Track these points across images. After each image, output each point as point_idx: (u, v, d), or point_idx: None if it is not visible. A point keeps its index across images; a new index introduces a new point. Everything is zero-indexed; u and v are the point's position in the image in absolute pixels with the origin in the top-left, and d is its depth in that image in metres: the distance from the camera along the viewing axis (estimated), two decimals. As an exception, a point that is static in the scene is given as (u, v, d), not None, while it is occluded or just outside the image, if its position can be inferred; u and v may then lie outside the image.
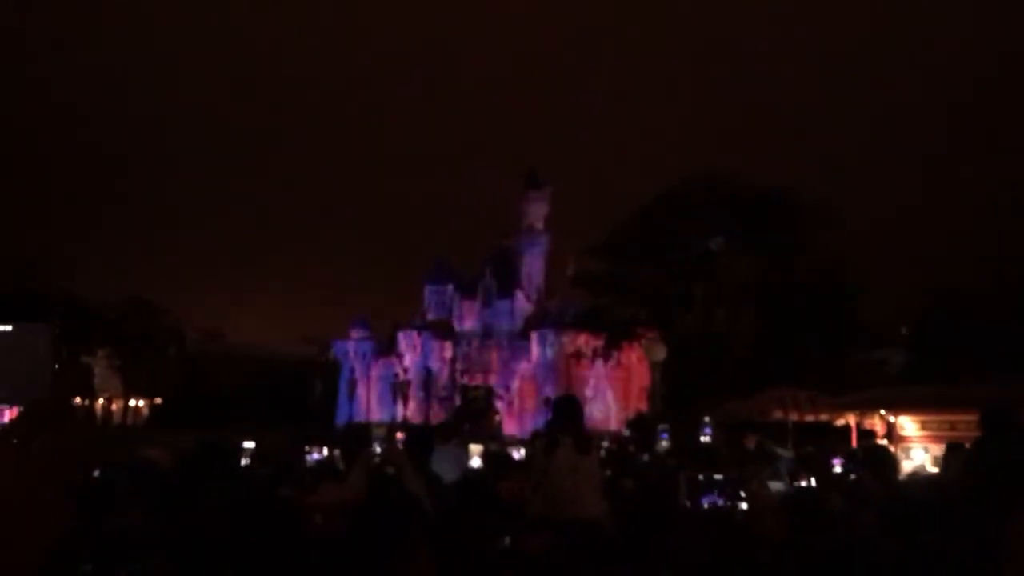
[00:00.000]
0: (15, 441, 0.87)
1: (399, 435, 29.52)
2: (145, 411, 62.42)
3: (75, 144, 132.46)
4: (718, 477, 8.60)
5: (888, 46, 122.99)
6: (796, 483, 12.10)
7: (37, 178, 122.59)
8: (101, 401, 60.69)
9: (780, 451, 14.22)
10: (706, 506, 8.33)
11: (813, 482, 11.48)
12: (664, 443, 20.66)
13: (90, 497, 4.96)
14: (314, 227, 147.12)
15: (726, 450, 14.92)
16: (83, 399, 57.67)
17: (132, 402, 62.46)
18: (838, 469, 11.91)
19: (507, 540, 4.98)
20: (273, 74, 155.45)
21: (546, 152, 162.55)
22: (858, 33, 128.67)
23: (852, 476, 10.35)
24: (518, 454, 17.87)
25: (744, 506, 8.09)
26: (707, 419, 21.59)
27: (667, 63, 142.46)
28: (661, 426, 21.85)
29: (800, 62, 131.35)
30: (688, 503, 8.38)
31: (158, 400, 62.14)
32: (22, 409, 1.01)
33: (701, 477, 8.76)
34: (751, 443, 15.00)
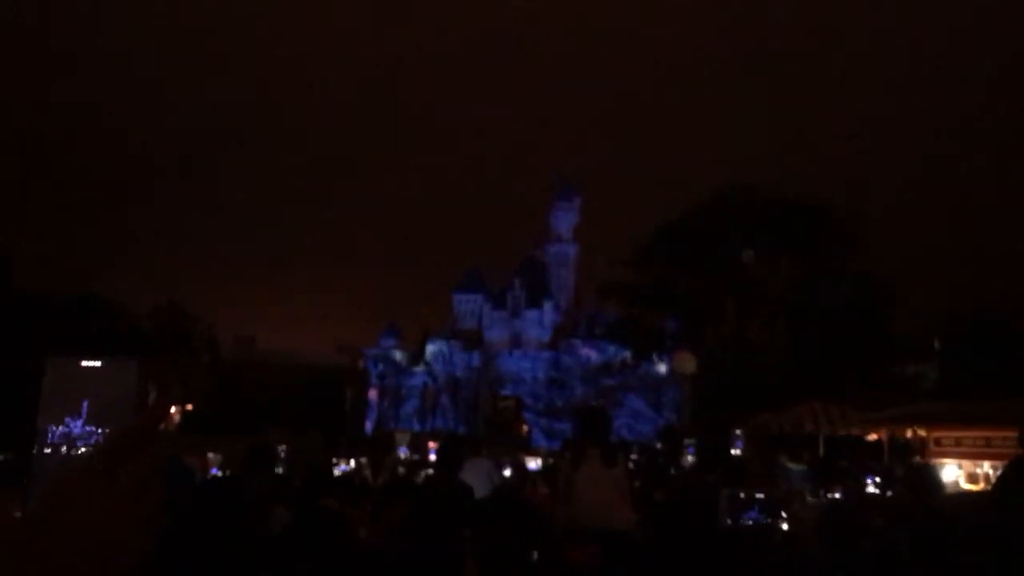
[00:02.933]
0: (101, 468, 0.92)
1: (431, 444, 29.61)
2: (178, 417, 63.00)
3: (110, 153, 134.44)
4: (760, 496, 8.53)
5: (923, 57, 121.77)
6: (827, 495, 12.03)
7: (74, 186, 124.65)
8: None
9: (791, 465, 14.12)
10: (748, 523, 8.26)
11: (838, 495, 11.40)
12: (690, 457, 20.56)
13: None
14: (346, 236, 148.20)
15: (757, 464, 14.82)
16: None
17: (165, 408, 63.14)
18: (872, 489, 11.78)
19: (535, 554, 5.02)
20: (304, 83, 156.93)
21: (576, 162, 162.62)
22: (892, 46, 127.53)
23: (888, 493, 10.22)
24: (534, 464, 17.88)
25: (785, 526, 8.03)
26: (739, 432, 21.46)
27: (699, 75, 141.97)
28: (687, 440, 21.75)
29: (833, 75, 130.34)
30: (729, 521, 8.33)
31: (190, 407, 62.69)
32: (107, 434, 1.07)
33: (743, 495, 8.69)
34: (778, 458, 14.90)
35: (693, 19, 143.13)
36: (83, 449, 5.92)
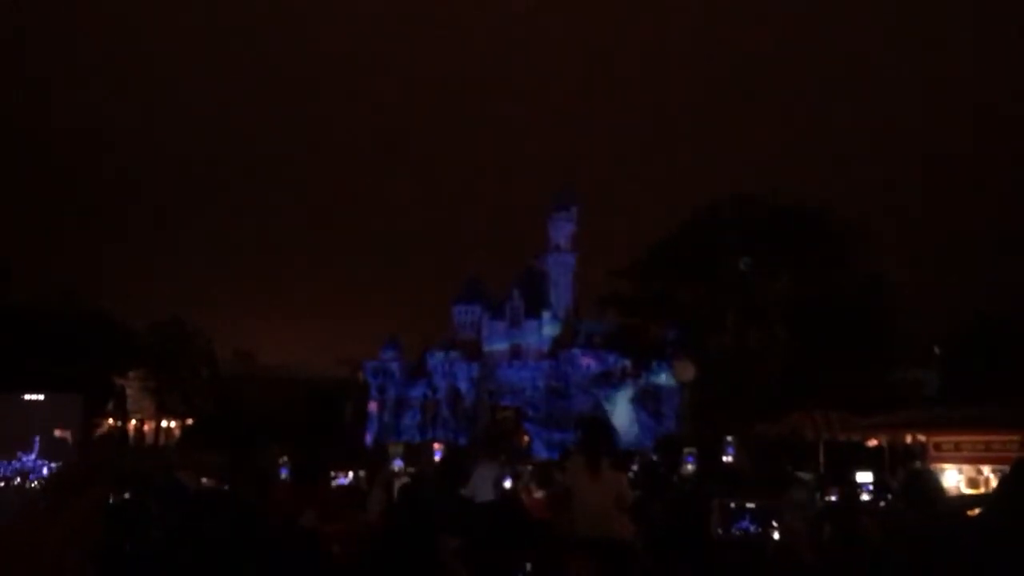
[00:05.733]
0: (44, 505, 0.92)
1: (436, 445, 29.45)
2: (177, 432, 62.91)
3: (111, 170, 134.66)
4: (751, 505, 8.48)
5: (921, 63, 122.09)
6: (826, 497, 12.03)
7: (74, 204, 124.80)
8: (134, 422, 61.36)
9: (802, 474, 14.09)
10: (737, 533, 8.20)
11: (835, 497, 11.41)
12: (690, 466, 20.45)
13: (121, 516, 5.02)
14: (344, 248, 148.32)
15: (752, 471, 14.79)
16: (116, 420, 58.38)
17: (164, 423, 62.99)
18: (865, 497, 11.75)
19: (528, 566, 4.98)
20: (303, 99, 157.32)
21: (574, 172, 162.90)
22: (886, 51, 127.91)
23: (882, 503, 10.16)
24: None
25: (776, 536, 7.97)
26: (730, 439, 21.41)
27: (696, 85, 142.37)
28: (687, 449, 21.64)
29: (828, 84, 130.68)
30: (720, 531, 8.27)
31: (190, 421, 62.60)
32: (53, 473, 1.07)
33: (733, 505, 8.64)
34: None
35: (691, 29, 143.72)
36: (35, 483, 6.07)
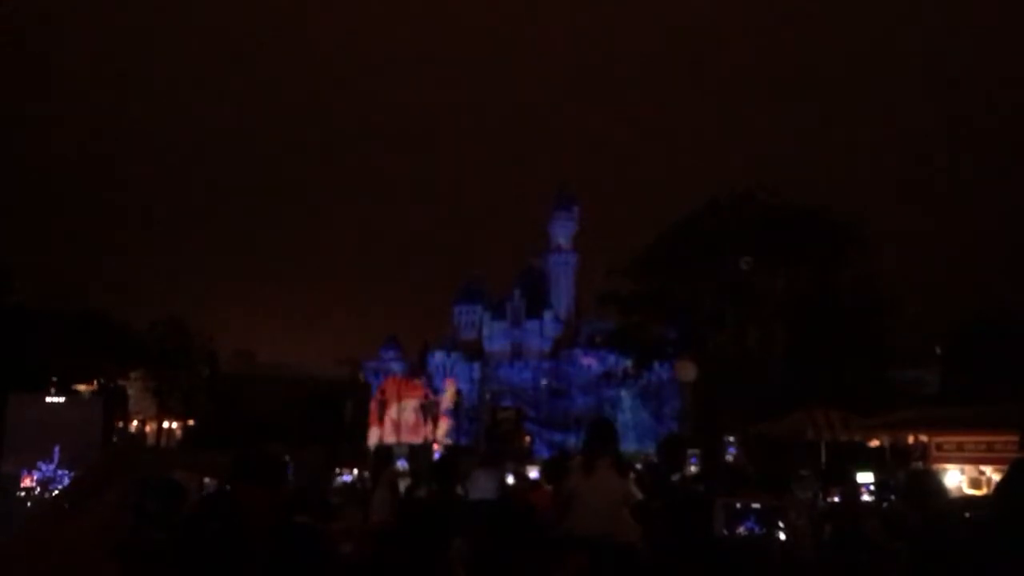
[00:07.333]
0: (67, 506, 0.91)
1: (436, 445, 29.54)
2: (178, 432, 62.86)
3: (111, 170, 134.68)
4: (756, 506, 8.46)
5: (923, 63, 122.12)
6: (828, 498, 12.01)
7: (74, 204, 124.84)
8: (135, 423, 61.31)
9: (803, 472, 14.06)
10: (743, 533, 8.16)
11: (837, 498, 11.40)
12: (694, 468, 20.46)
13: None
14: (345, 248, 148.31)
15: (753, 471, 14.73)
16: (117, 421, 58.43)
17: (165, 423, 62.95)
18: (866, 497, 11.73)
19: (533, 567, 4.96)
20: (302, 95, 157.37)
21: (575, 172, 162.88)
22: (883, 52, 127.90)
23: (885, 504, 10.13)
24: (535, 474, 17.75)
25: (782, 536, 7.94)
26: (731, 439, 21.36)
27: (697, 85, 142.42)
28: (691, 451, 21.64)
29: (829, 83, 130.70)
30: (724, 531, 8.24)
31: (191, 421, 62.57)
32: (75, 475, 1.07)
33: (738, 505, 8.61)
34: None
35: (692, 29, 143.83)
36: (56, 492, 5.99)
